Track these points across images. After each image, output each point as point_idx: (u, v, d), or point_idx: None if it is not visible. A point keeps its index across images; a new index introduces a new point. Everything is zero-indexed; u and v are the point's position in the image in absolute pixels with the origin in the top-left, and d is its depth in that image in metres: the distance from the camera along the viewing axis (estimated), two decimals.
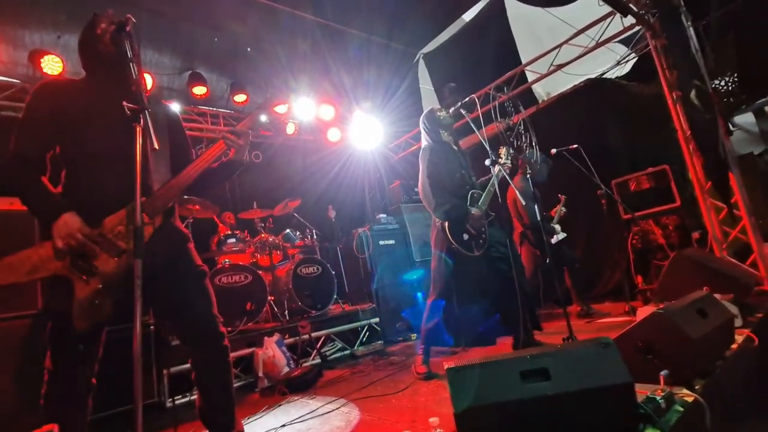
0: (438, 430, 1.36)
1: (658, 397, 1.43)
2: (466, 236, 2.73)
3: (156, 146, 1.30)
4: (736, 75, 4.60)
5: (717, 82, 4.62)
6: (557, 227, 4.27)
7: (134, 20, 1.48)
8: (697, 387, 1.61)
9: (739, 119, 5.62)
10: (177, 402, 3.08)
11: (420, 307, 4.38)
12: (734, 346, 2.05)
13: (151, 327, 3.04)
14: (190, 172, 1.71)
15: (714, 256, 3.63)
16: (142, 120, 1.35)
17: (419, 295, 4.43)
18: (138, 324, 1.17)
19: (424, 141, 3.01)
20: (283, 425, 2.29)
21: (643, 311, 2.43)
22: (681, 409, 1.45)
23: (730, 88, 4.69)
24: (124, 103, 1.33)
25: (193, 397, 3.12)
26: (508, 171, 2.74)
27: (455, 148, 3.01)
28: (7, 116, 4.05)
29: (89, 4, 3.95)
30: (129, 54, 1.50)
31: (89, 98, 1.64)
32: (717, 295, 2.28)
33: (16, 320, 2.54)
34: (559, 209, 4.40)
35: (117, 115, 1.58)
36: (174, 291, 1.69)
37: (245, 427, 1.98)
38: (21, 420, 2.26)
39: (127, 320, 3.15)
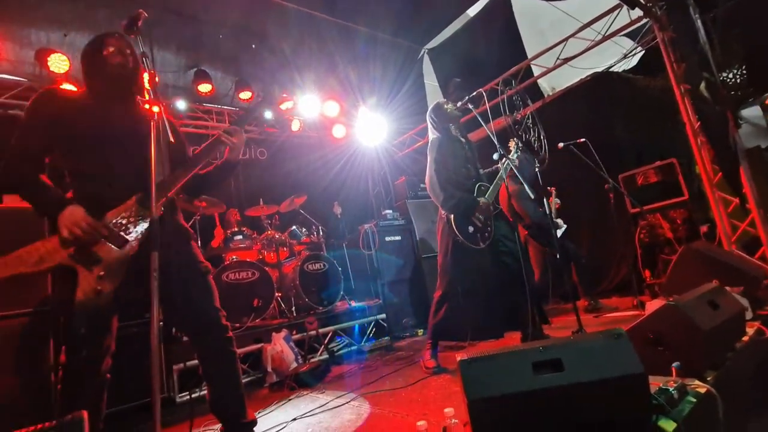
0: (453, 420, 1.37)
1: (670, 388, 1.43)
2: (471, 229, 2.73)
3: (172, 140, 1.32)
4: (744, 68, 4.55)
5: (724, 74, 4.57)
6: (559, 221, 4.23)
7: (146, 15, 1.48)
8: (708, 378, 1.61)
9: (746, 113, 5.57)
10: (186, 397, 3.10)
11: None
12: (745, 338, 2.05)
13: (161, 322, 3.06)
14: (188, 167, 1.80)
15: (723, 249, 3.61)
16: (156, 121, 1.45)
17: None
18: (155, 315, 1.19)
19: (432, 134, 3.00)
20: (294, 419, 2.31)
21: (652, 305, 2.42)
22: (694, 400, 1.45)
23: (737, 81, 4.65)
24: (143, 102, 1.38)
25: (203, 392, 3.14)
26: (517, 164, 2.73)
27: (463, 140, 3.00)
28: (15, 114, 4.07)
29: (95, 3, 4.02)
30: (140, 49, 1.52)
31: (90, 110, 1.69)
32: (727, 288, 2.28)
33: (13, 318, 2.53)
34: (553, 202, 4.34)
35: (119, 125, 1.70)
36: (178, 287, 1.70)
37: None
38: (21, 417, 2.27)
39: (135, 317, 3.13)
